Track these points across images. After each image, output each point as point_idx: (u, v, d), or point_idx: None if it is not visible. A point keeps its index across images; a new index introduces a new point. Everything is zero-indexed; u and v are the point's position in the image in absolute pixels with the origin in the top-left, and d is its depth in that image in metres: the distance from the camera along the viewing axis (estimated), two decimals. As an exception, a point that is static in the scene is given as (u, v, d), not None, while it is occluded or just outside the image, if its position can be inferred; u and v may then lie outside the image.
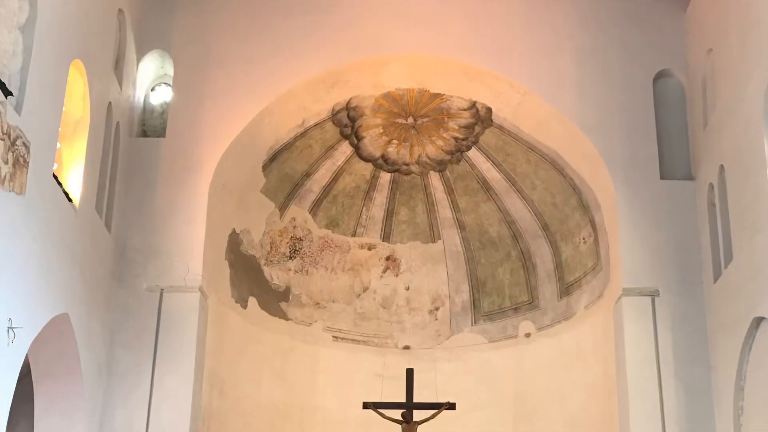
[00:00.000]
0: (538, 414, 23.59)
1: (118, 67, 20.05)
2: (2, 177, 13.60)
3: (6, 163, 13.75)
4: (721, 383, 18.76)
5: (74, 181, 17.45)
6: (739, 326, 17.62)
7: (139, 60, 21.45)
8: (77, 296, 17.41)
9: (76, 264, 17.27)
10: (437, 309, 25.46)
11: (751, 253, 17.13)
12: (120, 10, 19.90)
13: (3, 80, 13.71)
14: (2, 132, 13.56)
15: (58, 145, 16.76)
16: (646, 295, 19.87)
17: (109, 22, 19.23)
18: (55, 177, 16.17)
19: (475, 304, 25.17)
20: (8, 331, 13.97)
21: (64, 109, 16.79)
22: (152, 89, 22.13)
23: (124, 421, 18.93)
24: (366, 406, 22.33)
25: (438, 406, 22.25)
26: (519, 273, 24.68)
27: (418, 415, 22.12)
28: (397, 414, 22.08)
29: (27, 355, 15.47)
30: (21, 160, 14.30)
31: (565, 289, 23.59)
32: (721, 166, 18.94)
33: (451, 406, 22.27)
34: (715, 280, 19.17)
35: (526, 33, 21.79)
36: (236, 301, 22.57)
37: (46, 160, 15.61)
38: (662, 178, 20.84)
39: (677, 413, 19.12)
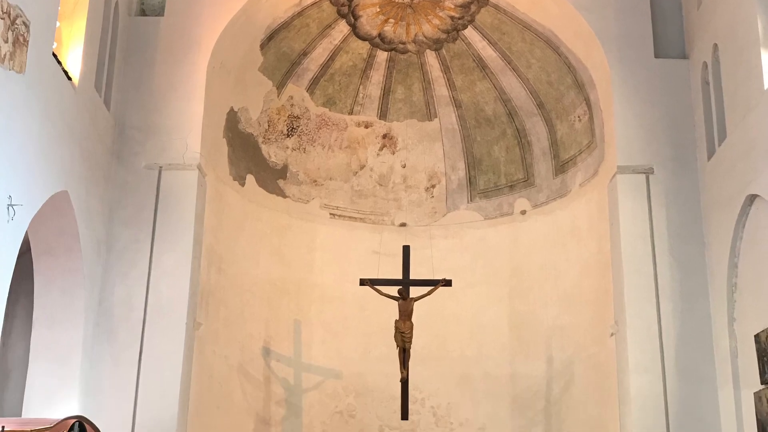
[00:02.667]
0: (533, 290, 23.96)
1: (114, -57, 20.03)
2: (2, 56, 13.76)
3: (6, 41, 13.89)
4: (714, 260, 19.05)
5: (74, 60, 17.56)
6: (732, 203, 17.90)
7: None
8: (77, 174, 17.59)
9: (75, 141, 17.45)
10: (433, 186, 25.68)
11: (744, 131, 17.33)
12: None
13: (8, -37, 13.90)
14: (2, 11, 13.69)
15: (58, 24, 16.84)
16: (640, 172, 20.04)
17: None
18: (54, 56, 16.28)
19: (471, 181, 25.41)
20: (8, 208, 14.21)
21: (60, -13, 16.83)
22: (149, -35, 22.16)
23: (123, 297, 19.17)
24: (363, 282, 22.53)
25: (434, 283, 22.44)
26: (514, 151, 24.85)
27: (414, 291, 22.36)
28: (393, 290, 22.30)
29: (27, 232, 15.69)
30: (21, 39, 14.43)
31: (560, 167, 23.79)
32: (715, 45, 19.05)
33: (447, 283, 22.47)
34: (709, 157, 19.38)
35: None
36: (234, 179, 22.78)
37: (46, 39, 15.70)
38: (656, 56, 20.90)
39: (671, 289, 19.38)
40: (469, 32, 23.81)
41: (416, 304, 22.27)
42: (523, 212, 24.55)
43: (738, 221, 17.74)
